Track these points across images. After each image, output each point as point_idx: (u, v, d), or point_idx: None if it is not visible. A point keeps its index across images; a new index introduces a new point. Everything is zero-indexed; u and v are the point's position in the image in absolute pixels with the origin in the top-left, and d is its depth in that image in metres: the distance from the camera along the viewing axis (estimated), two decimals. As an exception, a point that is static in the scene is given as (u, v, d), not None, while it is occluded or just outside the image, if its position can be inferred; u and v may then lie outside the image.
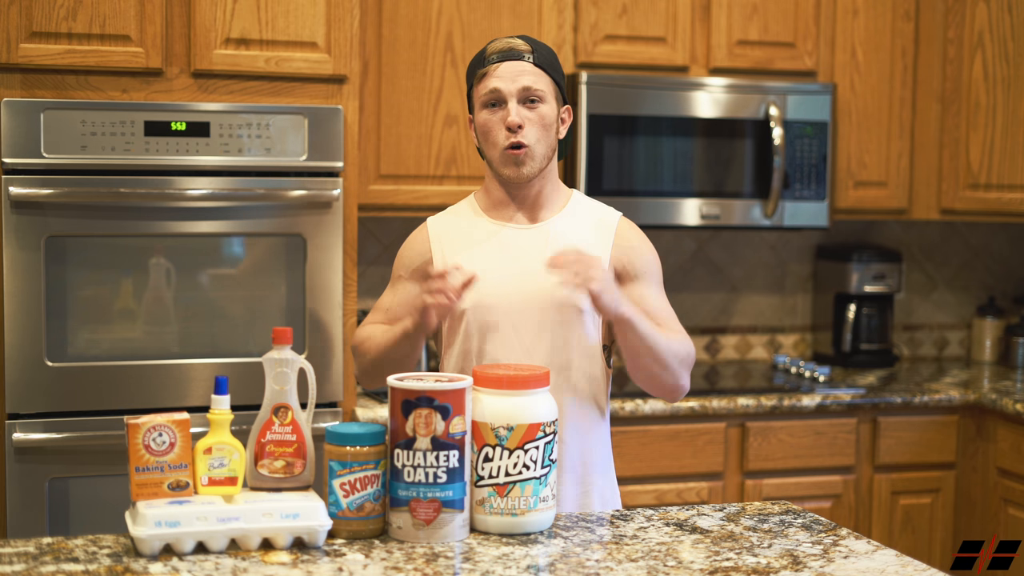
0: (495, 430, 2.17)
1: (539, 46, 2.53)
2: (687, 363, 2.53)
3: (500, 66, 2.49)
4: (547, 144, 2.52)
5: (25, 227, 3.21)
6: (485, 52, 2.53)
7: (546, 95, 2.50)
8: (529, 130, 2.48)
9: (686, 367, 2.53)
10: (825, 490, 3.91)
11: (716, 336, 4.52)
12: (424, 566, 2.03)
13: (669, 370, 2.50)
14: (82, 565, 2.00)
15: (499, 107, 2.49)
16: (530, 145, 2.48)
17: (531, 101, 2.48)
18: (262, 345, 3.34)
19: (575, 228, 2.55)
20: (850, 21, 4.19)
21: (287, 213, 3.38)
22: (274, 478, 2.19)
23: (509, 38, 2.53)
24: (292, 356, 2.21)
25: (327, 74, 3.42)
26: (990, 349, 4.63)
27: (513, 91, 2.48)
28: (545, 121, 2.50)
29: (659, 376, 2.50)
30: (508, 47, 2.50)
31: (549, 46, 2.58)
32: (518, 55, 2.49)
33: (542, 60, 2.51)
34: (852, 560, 2.13)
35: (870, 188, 4.26)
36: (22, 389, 3.23)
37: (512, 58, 2.49)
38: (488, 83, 2.49)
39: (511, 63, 2.49)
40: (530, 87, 2.48)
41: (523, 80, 2.48)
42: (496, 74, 2.49)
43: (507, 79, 2.48)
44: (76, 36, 3.26)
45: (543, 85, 2.49)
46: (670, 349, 2.48)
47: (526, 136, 2.48)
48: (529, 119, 2.48)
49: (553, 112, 2.51)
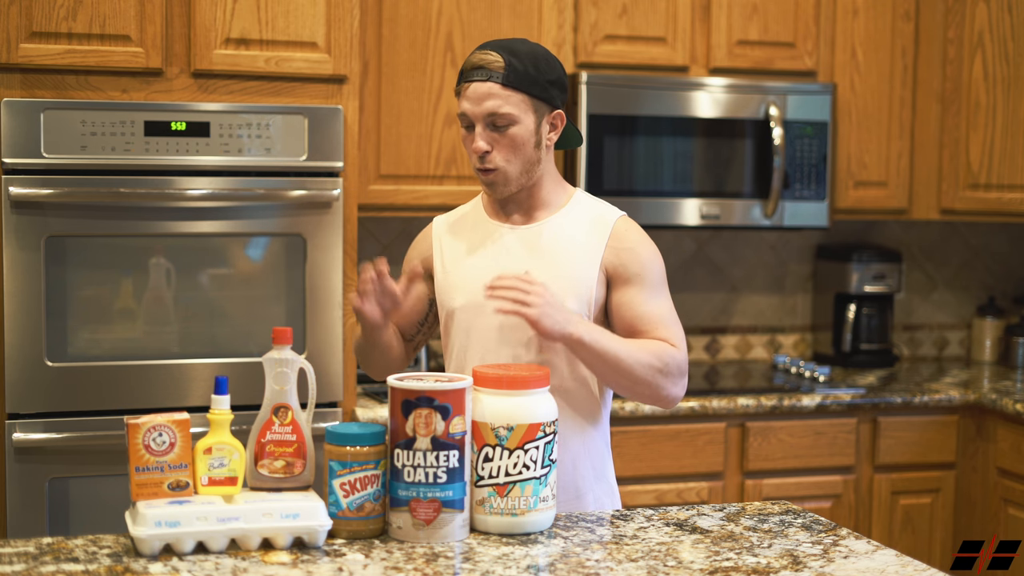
0: (495, 430, 2.17)
1: (516, 57, 2.43)
2: (666, 372, 2.42)
3: (470, 87, 2.44)
4: (522, 161, 2.46)
5: (25, 227, 3.21)
6: (464, 63, 2.48)
7: (517, 115, 2.43)
8: (497, 154, 2.44)
9: (666, 376, 2.43)
10: (825, 490, 3.91)
11: (716, 336, 4.52)
12: (424, 566, 2.03)
13: (640, 382, 2.41)
14: (82, 565, 2.00)
15: (470, 128, 2.46)
16: (499, 167, 2.45)
17: (498, 126, 2.43)
18: (262, 345, 3.34)
19: (570, 228, 2.52)
20: (850, 21, 4.19)
21: (287, 213, 3.38)
22: (274, 478, 2.19)
23: (485, 51, 2.45)
24: (292, 356, 2.21)
25: (327, 74, 3.42)
26: (990, 349, 4.63)
27: (479, 115, 2.43)
28: (516, 142, 2.44)
29: (631, 388, 2.43)
30: (480, 63, 2.43)
31: (535, 50, 2.48)
32: (485, 75, 2.42)
33: (513, 78, 2.42)
34: (852, 560, 2.13)
35: (870, 188, 4.26)
36: (22, 389, 3.23)
37: (481, 79, 2.42)
38: (461, 104, 2.46)
39: (478, 85, 2.42)
40: (495, 112, 2.42)
41: (488, 104, 2.42)
42: (466, 95, 2.45)
43: (473, 101, 2.43)
44: (76, 36, 3.26)
45: (512, 106, 2.42)
46: (637, 360, 2.39)
47: (493, 160, 2.45)
48: (497, 142, 2.44)
49: (527, 129, 2.44)
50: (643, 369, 2.40)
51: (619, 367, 2.39)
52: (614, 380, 2.43)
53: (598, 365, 2.40)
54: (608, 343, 2.39)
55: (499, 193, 2.49)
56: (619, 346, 2.40)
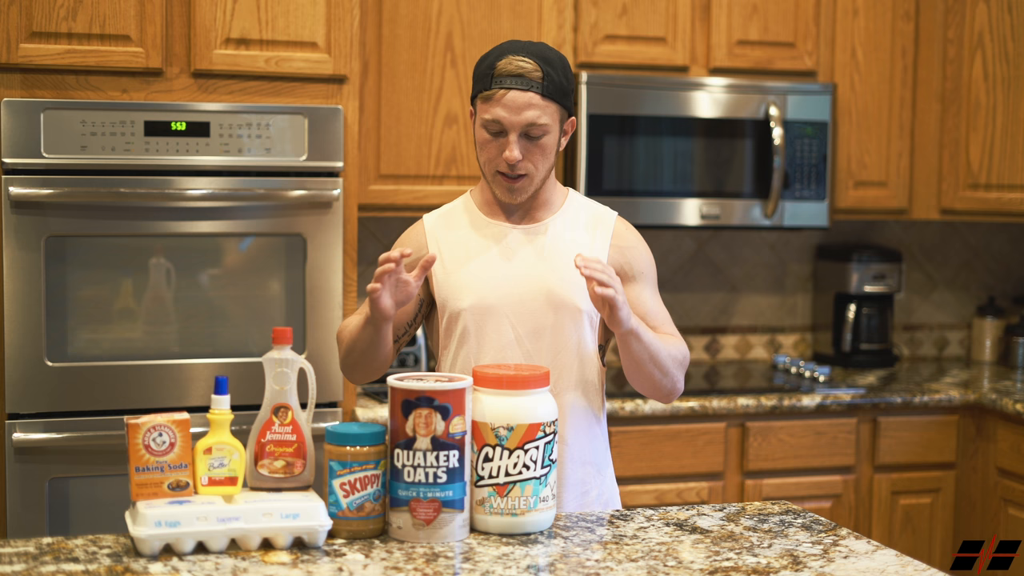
0: (495, 430, 2.17)
1: (552, 69, 2.42)
2: (683, 365, 2.53)
3: (507, 94, 2.39)
4: (547, 167, 2.47)
5: (25, 227, 3.21)
6: (495, 69, 2.42)
7: (550, 126, 2.43)
8: (528, 162, 2.44)
9: (682, 369, 2.53)
10: (825, 490, 3.91)
11: (716, 336, 4.52)
12: (424, 566, 2.03)
13: (669, 375, 2.50)
14: (82, 565, 2.00)
15: (499, 135, 2.43)
16: (527, 174, 2.45)
17: (532, 136, 2.43)
18: (262, 345, 3.34)
19: (572, 227, 2.54)
20: (850, 21, 4.19)
21: (287, 213, 3.38)
22: (274, 478, 2.19)
23: (522, 59, 2.41)
24: (292, 356, 2.21)
25: (327, 74, 3.42)
26: (990, 349, 4.63)
27: (517, 125, 2.40)
28: (546, 151, 2.45)
29: (659, 382, 2.50)
30: (519, 72, 2.40)
31: (562, 59, 2.47)
32: (527, 84, 2.40)
33: (552, 89, 2.41)
34: (852, 560, 2.13)
35: (870, 188, 4.26)
36: (22, 389, 3.23)
37: (520, 87, 2.39)
38: (492, 109, 2.41)
39: (518, 94, 2.39)
40: (534, 122, 2.40)
41: (528, 115, 2.40)
42: (501, 102, 2.40)
43: (512, 110, 2.40)
44: (76, 36, 3.26)
45: (548, 117, 2.42)
46: (669, 354, 2.48)
47: (523, 168, 2.44)
48: (529, 151, 2.43)
49: (555, 138, 2.46)
50: (672, 363, 2.49)
51: (657, 360, 2.45)
52: (647, 372, 2.47)
53: (643, 358, 2.44)
54: (652, 336, 2.45)
55: (520, 198, 2.48)
56: (657, 340, 2.46)
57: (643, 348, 2.42)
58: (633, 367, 2.47)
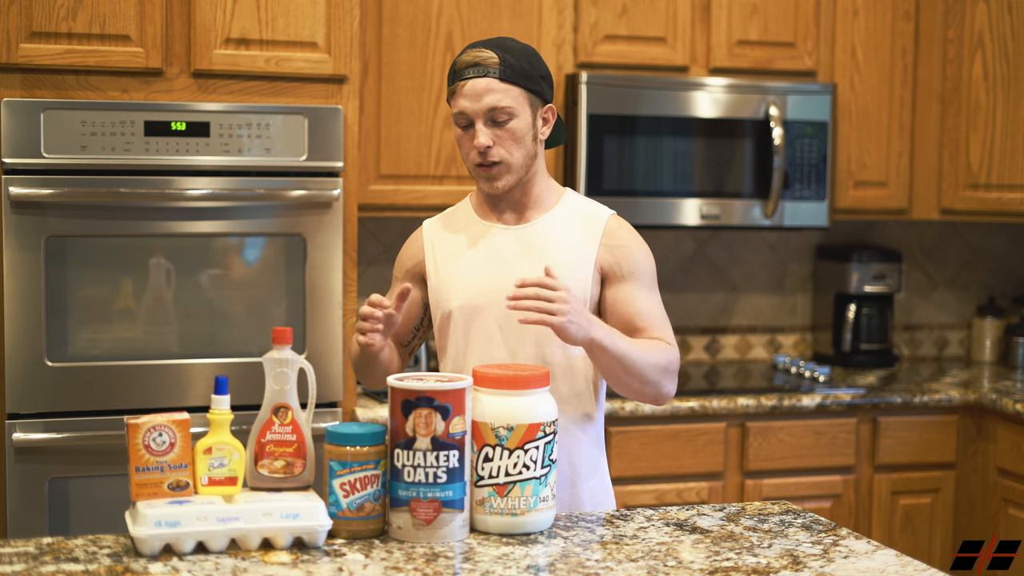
0: (495, 430, 2.17)
1: (510, 53, 2.46)
2: (669, 371, 2.48)
3: (467, 84, 2.44)
4: (523, 153, 2.48)
5: (25, 227, 3.21)
6: (456, 64, 2.48)
7: (516, 109, 2.45)
8: (499, 148, 2.45)
9: (668, 375, 2.48)
10: (825, 490, 3.91)
11: (716, 336, 4.52)
12: (424, 566, 2.03)
13: (649, 383, 2.46)
14: (82, 565, 2.00)
15: (469, 127, 2.47)
16: (502, 161, 2.46)
17: (498, 120, 2.45)
18: (262, 345, 3.34)
19: (562, 226, 2.53)
20: (850, 21, 4.19)
21: (287, 213, 3.38)
22: (274, 478, 2.19)
23: (478, 48, 2.46)
24: (292, 356, 2.21)
25: (327, 74, 3.42)
26: (990, 349, 4.63)
27: (479, 112, 2.44)
28: (516, 135, 2.46)
29: (640, 389, 2.47)
30: (475, 60, 2.45)
31: (525, 47, 2.51)
32: (482, 71, 2.44)
33: (510, 72, 2.44)
34: (852, 560, 2.13)
35: (870, 188, 4.26)
36: (22, 389, 3.23)
37: (476, 75, 2.44)
38: (457, 102, 2.46)
39: (476, 81, 2.43)
40: (496, 106, 2.43)
41: (488, 99, 2.43)
42: (463, 93, 2.45)
43: (472, 98, 2.44)
44: (76, 36, 3.26)
45: (511, 100, 2.44)
46: (648, 362, 2.43)
47: (496, 154, 2.45)
48: (498, 137, 2.45)
49: (526, 122, 2.47)
50: (652, 371, 2.44)
51: (631, 370, 2.42)
52: (624, 381, 2.45)
53: (613, 367, 2.41)
54: (624, 346, 2.40)
55: (502, 187, 2.48)
56: (632, 349, 2.41)
57: (612, 359, 2.39)
58: (606, 375, 2.46)
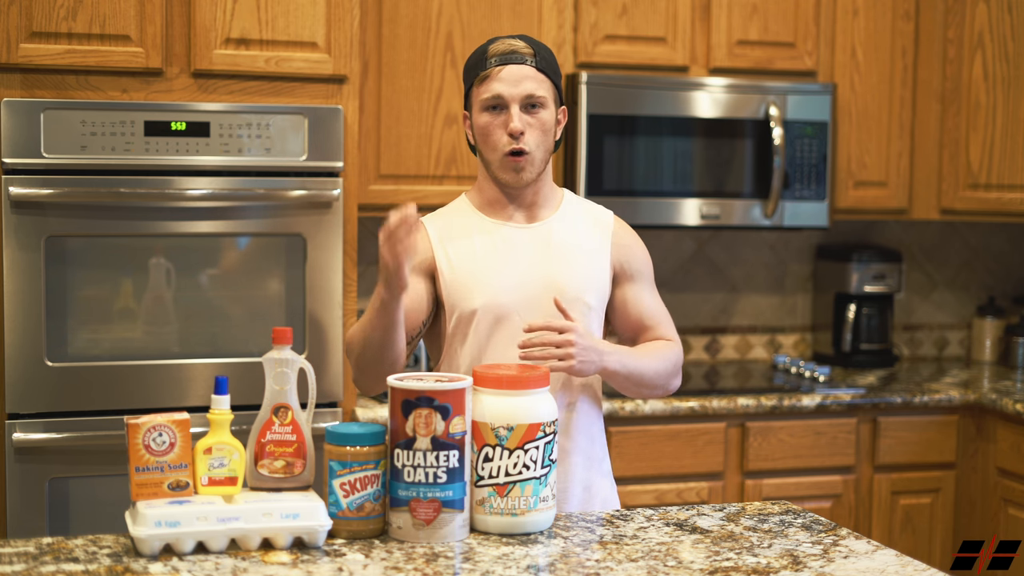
0: (495, 430, 2.17)
1: (540, 48, 2.52)
2: (677, 369, 2.61)
3: (503, 70, 2.47)
4: (546, 149, 2.52)
5: (25, 227, 3.21)
6: (486, 53, 2.50)
7: (547, 100, 2.49)
8: (530, 136, 2.48)
9: (675, 374, 2.61)
10: (825, 490, 3.91)
11: (716, 336, 4.52)
12: (424, 566, 2.03)
13: (658, 387, 2.59)
14: (82, 565, 2.00)
15: (500, 111, 2.48)
16: (531, 151, 2.48)
17: (532, 107, 2.48)
18: (262, 345, 3.34)
19: (573, 227, 2.57)
20: (850, 21, 4.19)
21: (287, 213, 3.38)
22: (274, 478, 2.19)
23: (510, 39, 2.51)
24: (292, 356, 2.21)
25: (327, 74, 3.42)
26: (990, 349, 4.63)
27: (516, 96, 2.47)
28: (545, 126, 2.49)
29: (649, 393, 2.60)
30: (510, 49, 2.48)
31: (547, 46, 2.58)
32: (521, 59, 2.48)
33: (544, 64, 2.50)
34: (852, 560, 2.13)
35: (870, 188, 4.26)
36: (22, 389, 3.23)
37: (515, 62, 2.47)
38: (490, 87, 2.47)
39: (514, 67, 2.47)
40: (533, 93, 2.47)
41: (526, 86, 2.46)
42: (499, 78, 2.47)
43: (510, 83, 2.46)
44: (76, 36, 3.26)
45: (545, 91, 2.49)
46: (657, 371, 2.55)
47: (527, 142, 2.47)
48: (530, 125, 2.48)
49: (552, 116, 2.51)
50: (662, 378, 2.57)
51: (643, 382, 2.54)
52: (635, 391, 2.57)
53: (627, 384, 2.53)
54: (635, 365, 2.50)
55: (526, 179, 2.50)
56: (641, 364, 2.52)
57: (624, 379, 2.50)
58: (619, 389, 2.57)
